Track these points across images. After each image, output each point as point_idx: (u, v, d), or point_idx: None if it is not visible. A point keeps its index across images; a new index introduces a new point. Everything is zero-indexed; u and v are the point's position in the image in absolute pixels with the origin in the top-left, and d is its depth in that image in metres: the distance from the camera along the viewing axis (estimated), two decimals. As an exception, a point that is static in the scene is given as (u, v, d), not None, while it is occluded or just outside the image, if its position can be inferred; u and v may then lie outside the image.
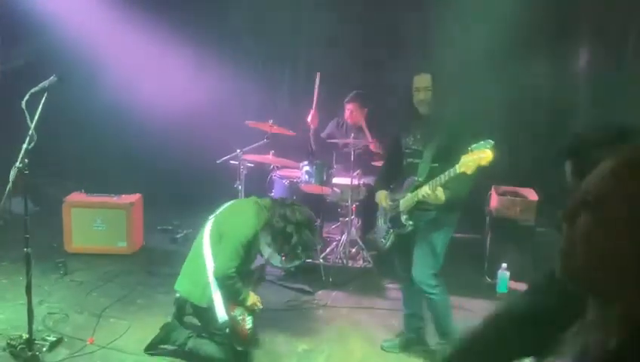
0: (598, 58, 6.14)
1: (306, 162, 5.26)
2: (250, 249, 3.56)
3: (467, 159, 3.09)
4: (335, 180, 5.34)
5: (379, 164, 5.51)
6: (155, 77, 6.47)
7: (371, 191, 5.33)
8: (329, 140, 5.50)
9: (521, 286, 4.94)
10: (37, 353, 3.55)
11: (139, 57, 6.47)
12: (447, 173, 3.23)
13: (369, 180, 5.55)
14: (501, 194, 5.49)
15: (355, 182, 5.26)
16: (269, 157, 5.38)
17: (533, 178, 5.70)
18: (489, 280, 5.14)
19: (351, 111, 5.55)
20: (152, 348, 3.71)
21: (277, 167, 5.59)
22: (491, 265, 5.17)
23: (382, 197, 3.80)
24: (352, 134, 5.38)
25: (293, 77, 6.79)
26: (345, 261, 5.38)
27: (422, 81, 3.49)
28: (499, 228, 5.29)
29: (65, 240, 5.46)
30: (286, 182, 5.40)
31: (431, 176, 3.40)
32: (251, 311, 3.67)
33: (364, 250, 5.47)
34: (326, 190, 5.25)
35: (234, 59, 6.40)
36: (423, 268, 3.59)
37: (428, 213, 3.54)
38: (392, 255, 3.92)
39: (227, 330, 3.56)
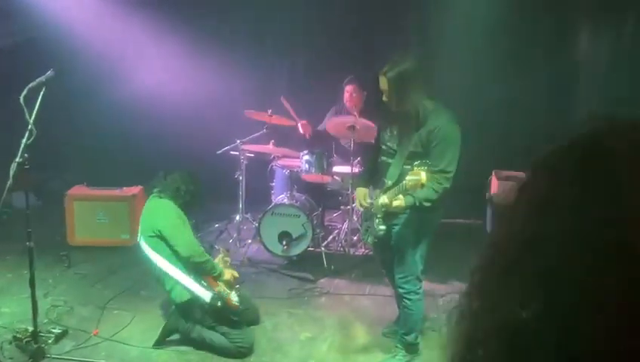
0: (598, 41, 6.10)
1: (306, 151, 5.26)
2: (185, 222, 3.87)
3: (409, 178, 3.04)
4: (335, 168, 5.34)
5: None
6: (154, 69, 6.47)
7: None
8: (330, 123, 5.43)
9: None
10: (42, 345, 3.60)
11: (138, 49, 6.46)
12: (398, 186, 3.17)
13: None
14: (502, 179, 5.50)
15: (356, 170, 5.26)
16: (269, 147, 5.38)
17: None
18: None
19: (350, 94, 5.42)
20: (159, 343, 3.76)
21: (277, 156, 5.59)
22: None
23: (360, 195, 3.55)
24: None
25: (291, 65, 6.77)
26: (346, 249, 5.40)
27: (381, 82, 3.28)
28: (500, 214, 5.29)
29: (68, 233, 5.50)
30: (286, 171, 5.41)
31: (401, 179, 3.19)
32: (231, 286, 3.89)
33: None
34: (326, 178, 5.26)
35: (232, 50, 6.38)
36: (400, 273, 3.48)
37: (401, 217, 3.38)
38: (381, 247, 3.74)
39: (220, 304, 3.68)
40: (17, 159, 3.26)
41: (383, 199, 3.25)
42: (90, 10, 6.19)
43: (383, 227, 3.37)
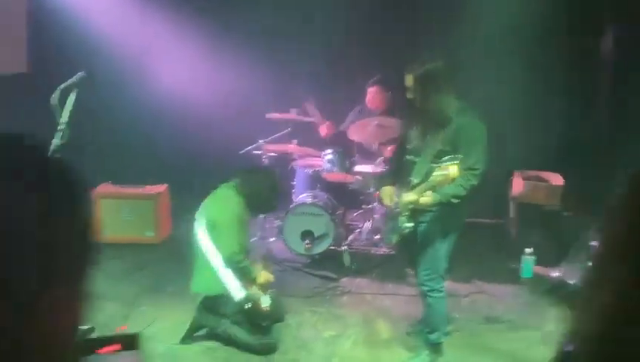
0: (620, 36, 6.03)
1: (328, 151, 5.29)
2: (243, 225, 3.83)
3: (437, 173, 3.09)
4: (357, 168, 5.37)
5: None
6: (177, 67, 6.54)
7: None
8: (351, 125, 5.46)
9: (546, 271, 4.95)
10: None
11: (160, 48, 6.54)
12: (426, 183, 3.22)
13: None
14: (525, 178, 5.48)
15: (378, 169, 5.28)
16: (292, 147, 5.43)
17: (558, 162, 5.67)
18: (513, 265, 5.15)
19: (373, 95, 5.45)
20: (186, 340, 3.81)
21: (299, 156, 5.63)
22: (515, 250, 5.17)
23: (386, 193, 3.60)
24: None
25: (313, 65, 6.79)
26: (368, 248, 5.42)
27: (407, 80, 3.33)
28: (523, 213, 5.28)
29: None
30: (308, 171, 5.45)
31: (427, 177, 3.24)
32: (264, 289, 3.86)
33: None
34: (349, 178, 5.29)
35: (254, 48, 6.42)
36: (423, 270, 3.51)
37: (427, 214, 3.41)
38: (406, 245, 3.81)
39: (248, 306, 3.70)
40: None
41: (411, 196, 3.30)
42: (112, 9, 6.28)
43: (408, 224, 3.41)
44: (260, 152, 5.46)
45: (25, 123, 5.65)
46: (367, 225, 5.49)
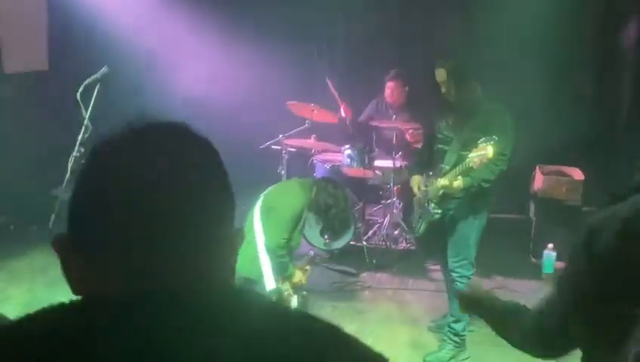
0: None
1: (347, 146, 5.29)
2: (297, 223, 3.73)
3: (473, 154, 3.20)
4: (377, 163, 5.35)
5: (420, 146, 5.50)
6: (197, 64, 6.56)
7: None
8: (369, 122, 5.48)
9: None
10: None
11: (181, 45, 6.56)
12: (460, 166, 3.33)
13: (411, 162, 5.55)
14: (546, 173, 5.42)
15: (397, 164, 5.27)
16: (311, 142, 5.43)
17: (579, 156, 5.61)
18: (534, 260, 5.11)
19: (392, 90, 5.46)
20: None
21: (318, 151, 5.63)
22: (536, 246, 5.13)
23: (415, 182, 3.79)
24: (394, 115, 5.37)
25: (331, 59, 6.79)
26: (388, 243, 5.41)
27: (438, 75, 3.49)
28: (544, 209, 5.23)
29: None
30: (328, 165, 5.45)
31: (458, 164, 3.39)
32: (296, 289, 3.80)
33: (407, 232, 5.48)
34: (368, 173, 5.27)
35: (271, 46, 6.41)
36: (455, 256, 3.59)
37: (455, 201, 3.54)
38: (428, 239, 3.94)
39: (274, 299, 3.61)
40: (74, 153, 3.39)
41: (443, 181, 3.40)
42: (130, 10, 6.32)
43: (438, 210, 3.54)
44: (279, 147, 5.47)
45: (48, 119, 5.75)
46: (387, 220, 5.47)
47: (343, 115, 5.48)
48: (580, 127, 5.93)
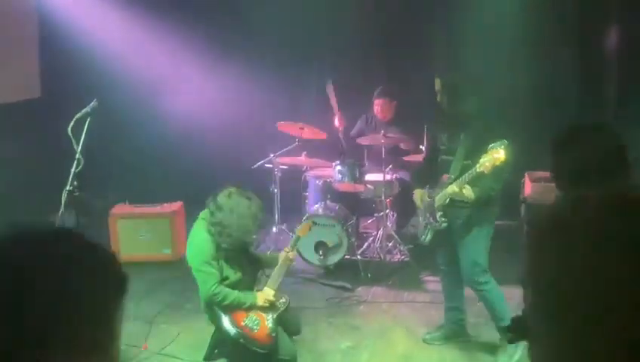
0: (627, 35, 6.02)
1: (338, 161, 5.36)
2: (216, 259, 3.41)
3: (484, 159, 3.28)
4: (368, 177, 5.43)
5: (410, 158, 5.58)
6: (189, 88, 6.65)
7: (405, 186, 5.42)
8: (359, 138, 5.57)
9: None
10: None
11: (170, 67, 6.64)
12: (469, 172, 3.41)
13: (402, 175, 5.63)
14: (535, 180, 5.49)
15: (388, 177, 5.34)
16: (302, 159, 5.51)
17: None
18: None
19: (380, 107, 5.62)
20: (209, 357, 3.80)
21: (310, 167, 5.71)
22: (528, 252, 5.18)
23: (418, 196, 3.89)
24: (382, 130, 5.45)
25: (319, 77, 6.86)
26: (382, 256, 5.47)
27: (435, 83, 3.64)
28: (534, 215, 5.29)
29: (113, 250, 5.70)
30: (319, 181, 5.52)
31: (462, 173, 3.49)
32: (271, 308, 3.48)
33: (401, 244, 5.55)
34: (359, 187, 5.35)
35: (260, 66, 6.49)
36: (469, 267, 3.69)
37: (463, 211, 3.62)
38: (431, 248, 4.07)
39: (242, 341, 3.42)
40: (67, 187, 3.45)
41: (452, 187, 3.49)
42: (121, 30, 6.40)
43: (445, 220, 3.65)
44: (271, 166, 5.54)
45: (40, 148, 5.81)
46: (380, 232, 5.54)
47: (336, 124, 5.58)
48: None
